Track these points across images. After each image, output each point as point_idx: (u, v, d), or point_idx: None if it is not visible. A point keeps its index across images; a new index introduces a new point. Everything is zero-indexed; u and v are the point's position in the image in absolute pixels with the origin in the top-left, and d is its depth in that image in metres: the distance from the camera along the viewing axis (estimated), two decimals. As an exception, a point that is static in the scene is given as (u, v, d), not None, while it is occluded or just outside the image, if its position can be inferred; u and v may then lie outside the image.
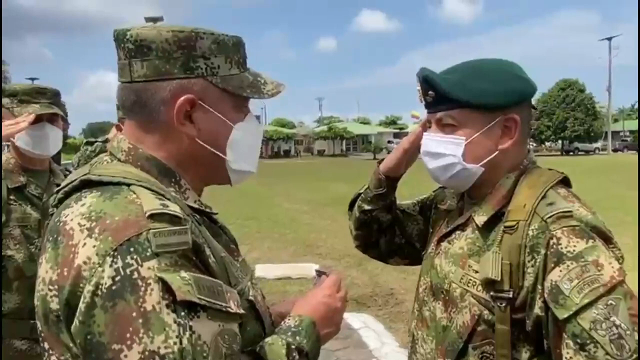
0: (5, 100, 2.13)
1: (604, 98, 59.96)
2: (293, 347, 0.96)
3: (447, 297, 1.26)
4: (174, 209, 0.85)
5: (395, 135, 62.97)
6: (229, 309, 0.84)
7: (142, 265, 0.78)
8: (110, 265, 0.77)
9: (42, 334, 0.86)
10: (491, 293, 1.15)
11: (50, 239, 0.85)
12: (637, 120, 70.71)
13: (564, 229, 1.10)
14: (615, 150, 55.68)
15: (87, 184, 0.89)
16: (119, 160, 0.97)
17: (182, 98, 0.93)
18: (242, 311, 0.87)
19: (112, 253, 0.78)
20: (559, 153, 55.32)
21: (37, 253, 2.06)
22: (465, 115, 1.23)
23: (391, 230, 1.56)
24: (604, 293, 1.03)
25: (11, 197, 2.06)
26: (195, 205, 0.97)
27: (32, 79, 62.96)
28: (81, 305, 0.77)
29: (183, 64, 0.94)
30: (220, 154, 1.00)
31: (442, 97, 1.23)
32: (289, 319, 1.04)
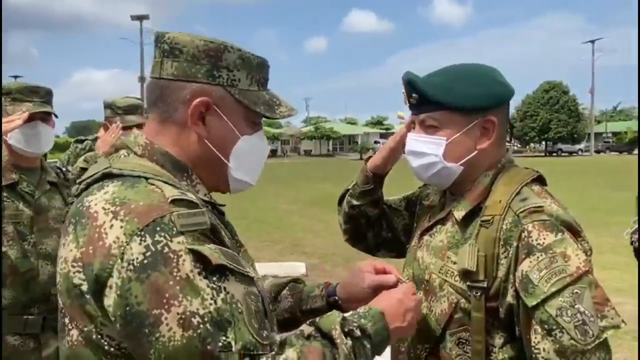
0: None
1: (587, 100, 60.80)
2: (355, 324, 1.00)
3: (427, 287, 1.33)
4: (191, 196, 0.95)
5: (382, 136, 63.19)
6: (249, 274, 0.94)
7: (171, 241, 0.86)
8: (140, 243, 0.85)
9: (63, 310, 0.95)
10: (467, 283, 1.22)
11: (73, 221, 0.93)
12: (619, 122, 71.81)
13: (535, 222, 1.17)
14: (597, 152, 56.43)
15: (108, 176, 0.97)
16: (136, 154, 1.05)
17: (199, 99, 1.02)
18: (258, 275, 0.96)
19: (139, 233, 0.86)
20: (542, 154, 55.95)
21: (29, 249, 2.10)
22: (446, 116, 1.29)
23: (378, 224, 1.63)
24: (570, 282, 1.10)
25: (4, 194, 2.09)
26: (206, 198, 1.05)
27: (16, 77, 62.41)
28: (117, 281, 0.85)
29: (207, 71, 1.03)
30: (224, 160, 1.07)
31: (425, 99, 1.30)
32: (359, 309, 1.09)
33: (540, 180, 1.32)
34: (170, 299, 0.83)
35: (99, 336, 0.90)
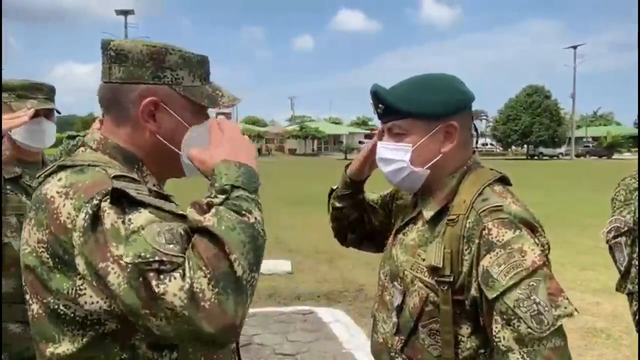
0: (3, 95, 2.21)
1: (569, 104, 61.65)
2: (207, 198, 0.99)
3: (401, 283, 1.43)
4: (133, 176, 1.07)
5: (367, 136, 63.15)
6: (173, 210, 1.00)
7: (102, 201, 0.95)
8: (85, 212, 0.95)
9: (26, 287, 1.06)
10: (435, 278, 1.32)
11: (34, 208, 1.04)
12: (599, 127, 72.88)
13: (495, 221, 1.27)
14: (578, 156, 57.24)
15: (62, 168, 1.08)
16: (91, 148, 1.16)
17: (147, 99, 1.13)
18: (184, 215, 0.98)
19: (85, 205, 0.96)
20: (524, 157, 56.61)
21: None
22: (410, 124, 1.39)
23: (360, 223, 1.74)
24: (526, 276, 1.20)
25: (7, 187, 2.15)
26: (154, 189, 1.14)
27: (-3, 69, 61.39)
28: (76, 248, 0.94)
29: (152, 73, 1.14)
30: (176, 149, 1.18)
31: (391, 109, 1.40)
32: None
33: (503, 180, 1.42)
34: (106, 252, 0.90)
35: (56, 307, 0.99)
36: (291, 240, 9.17)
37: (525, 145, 57.78)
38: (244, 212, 0.96)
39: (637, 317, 1.78)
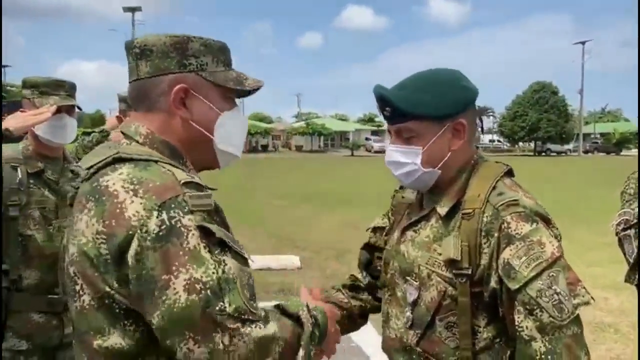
0: (26, 92, 2.29)
1: (576, 101, 61.31)
2: (313, 312, 1.19)
3: (416, 279, 1.44)
4: (197, 180, 1.08)
5: (373, 133, 63.27)
6: (244, 254, 1.08)
7: (183, 217, 1.00)
8: (157, 217, 0.98)
9: (75, 277, 1.06)
10: (453, 271, 1.35)
11: (92, 199, 1.05)
12: (607, 123, 72.34)
13: (513, 214, 1.30)
14: (586, 152, 57.01)
15: (118, 160, 1.10)
16: (137, 142, 1.17)
17: (177, 87, 1.16)
18: (250, 259, 1.10)
19: (157, 208, 0.99)
20: (532, 153, 56.34)
21: (54, 233, 2.22)
22: (419, 126, 1.40)
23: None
24: (547, 267, 1.25)
25: (31, 181, 2.22)
26: (201, 183, 1.18)
27: (4, 66, 61.73)
28: (136, 249, 0.98)
29: (178, 62, 1.17)
30: (209, 135, 1.21)
31: (397, 112, 1.40)
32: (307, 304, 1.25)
33: (509, 173, 1.45)
34: (179, 267, 0.96)
35: (110, 300, 1.01)
36: (299, 236, 9.21)
37: (533, 142, 57.49)
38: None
39: None
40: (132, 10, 45.28)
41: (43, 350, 2.23)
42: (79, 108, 2.39)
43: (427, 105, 1.38)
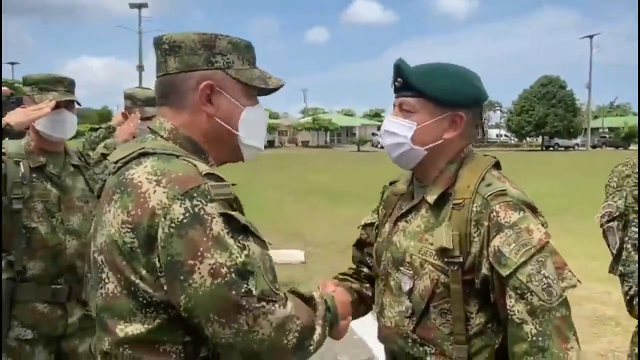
0: (27, 89, 2.36)
1: (584, 95, 60.88)
2: (325, 296, 1.30)
3: (409, 268, 1.49)
4: (217, 172, 1.14)
5: (379, 128, 62.87)
6: (264, 239, 1.12)
7: (206, 205, 1.04)
8: (180, 205, 1.03)
9: (101, 266, 1.12)
10: (445, 259, 1.39)
11: (118, 191, 1.11)
12: (616, 118, 71.78)
13: (501, 204, 1.35)
14: (594, 147, 56.55)
15: (143, 155, 1.15)
16: (162, 137, 1.22)
17: (204, 83, 1.20)
18: (270, 243, 1.15)
19: (180, 197, 1.04)
20: (539, 148, 56.04)
21: (58, 225, 2.29)
22: (420, 103, 1.46)
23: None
24: (535, 252, 1.31)
25: (33, 175, 2.28)
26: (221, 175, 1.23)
27: (13, 64, 62.14)
28: (161, 235, 1.03)
29: (205, 59, 1.21)
30: (234, 130, 1.26)
31: (407, 84, 1.47)
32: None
33: (496, 165, 1.51)
34: (204, 252, 1.02)
35: (135, 288, 1.06)
36: (304, 231, 9.26)
37: (540, 137, 57.18)
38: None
39: (627, 297, 1.86)
40: (139, 6, 45.33)
41: (48, 339, 2.30)
42: (78, 103, 2.44)
43: (436, 88, 1.44)
